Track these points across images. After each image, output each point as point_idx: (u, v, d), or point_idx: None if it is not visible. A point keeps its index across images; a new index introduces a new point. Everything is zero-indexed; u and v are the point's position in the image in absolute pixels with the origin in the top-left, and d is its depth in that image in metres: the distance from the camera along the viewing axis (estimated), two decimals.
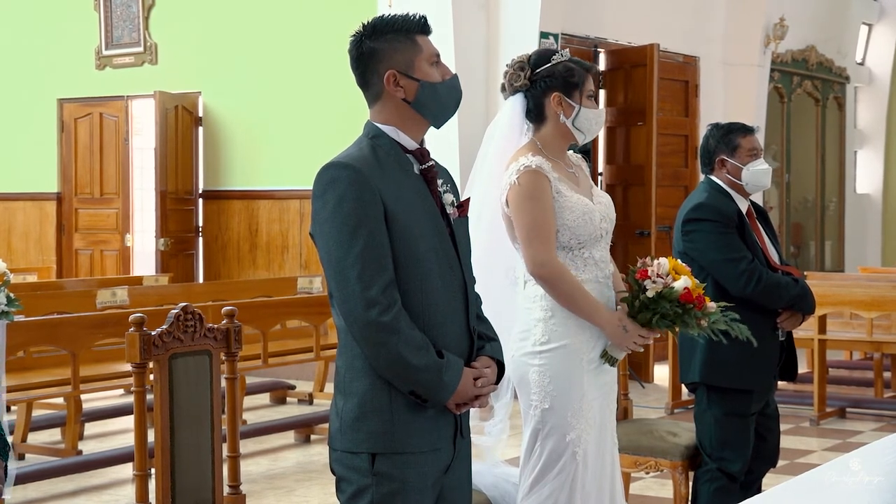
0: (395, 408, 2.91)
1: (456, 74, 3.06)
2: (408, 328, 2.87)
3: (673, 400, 8.84)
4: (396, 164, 2.98)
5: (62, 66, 12.22)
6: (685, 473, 4.84)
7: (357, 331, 2.88)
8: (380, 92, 3.02)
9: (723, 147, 4.81)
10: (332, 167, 2.92)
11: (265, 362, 7.67)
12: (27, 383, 6.78)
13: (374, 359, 2.89)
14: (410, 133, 3.02)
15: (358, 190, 2.87)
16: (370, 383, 2.91)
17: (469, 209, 3.15)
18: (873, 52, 15.58)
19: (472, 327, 3.06)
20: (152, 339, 3.67)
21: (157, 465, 3.69)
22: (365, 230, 2.86)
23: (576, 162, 3.93)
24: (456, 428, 3.02)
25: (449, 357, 2.93)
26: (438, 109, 3.03)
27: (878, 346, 8.78)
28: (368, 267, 2.85)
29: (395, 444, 2.91)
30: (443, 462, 3.00)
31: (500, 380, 3.11)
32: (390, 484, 2.91)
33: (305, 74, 10.79)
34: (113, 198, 12.03)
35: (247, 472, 6.67)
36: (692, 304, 3.69)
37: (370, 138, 3.01)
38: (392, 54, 2.98)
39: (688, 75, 11.97)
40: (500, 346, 3.16)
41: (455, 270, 3.01)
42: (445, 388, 2.91)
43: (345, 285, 2.87)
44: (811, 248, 14.64)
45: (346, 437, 2.94)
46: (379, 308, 2.84)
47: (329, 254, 2.90)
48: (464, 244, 3.08)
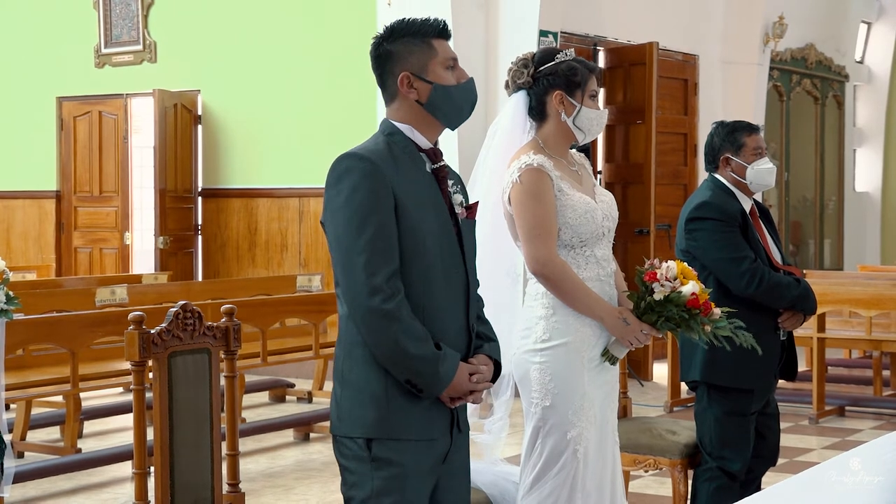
0: (391, 395, 2.96)
1: (472, 78, 3.14)
2: (409, 318, 2.93)
3: (672, 398, 8.85)
4: (410, 161, 3.05)
5: (61, 65, 12.21)
6: (684, 472, 4.84)
7: (359, 317, 2.93)
8: (395, 93, 3.09)
9: (727, 145, 4.81)
10: (348, 158, 2.98)
11: (264, 360, 7.68)
12: (26, 381, 6.78)
13: (374, 345, 2.94)
14: (425, 133, 3.10)
15: (372, 181, 2.93)
16: (367, 371, 2.97)
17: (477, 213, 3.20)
18: (872, 50, 15.58)
19: (471, 325, 3.10)
20: (151, 338, 3.66)
21: (157, 464, 3.69)
22: (375, 220, 2.92)
23: (578, 160, 3.94)
24: (452, 420, 3.06)
25: (446, 350, 2.99)
26: (451, 112, 3.11)
27: (877, 345, 8.79)
28: (375, 256, 2.91)
29: (390, 430, 2.96)
30: (439, 452, 3.04)
31: (497, 379, 3.16)
32: (389, 469, 2.96)
33: (305, 73, 10.79)
34: (112, 196, 12.03)
35: (246, 471, 6.67)
36: (698, 310, 3.71)
37: (386, 135, 3.08)
38: (407, 57, 3.07)
39: (687, 74, 11.97)
40: (499, 348, 3.21)
41: (458, 269, 3.07)
42: (441, 379, 2.96)
43: (351, 272, 2.93)
44: (810, 247, 14.64)
45: (343, 423, 3.00)
46: (382, 296, 2.90)
47: (338, 241, 2.96)
48: (469, 245, 3.14)
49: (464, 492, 3.16)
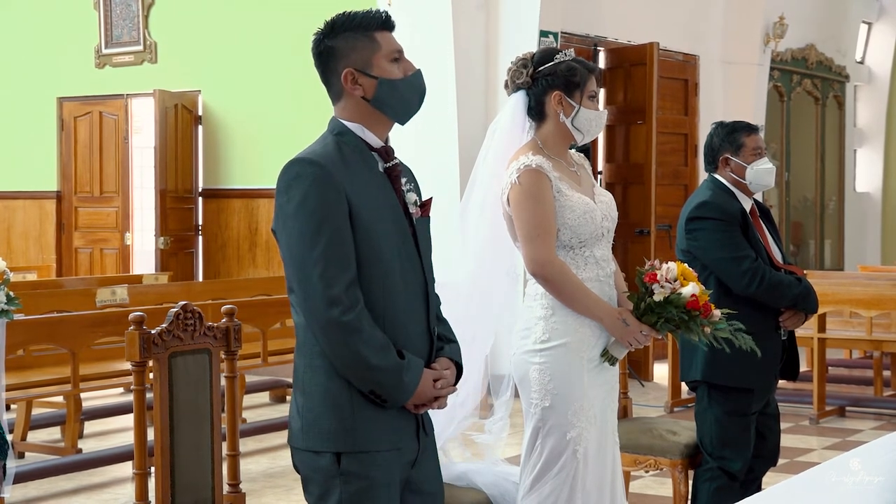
0: (356, 406, 2.89)
1: (419, 70, 3.02)
2: (369, 328, 2.85)
3: (672, 398, 8.84)
4: (361, 162, 2.95)
5: (62, 65, 12.22)
6: (685, 472, 4.84)
7: (318, 329, 2.85)
8: (340, 90, 3.00)
9: (727, 145, 4.81)
10: (297, 163, 2.90)
11: (265, 361, 7.68)
12: (27, 382, 6.78)
13: (335, 357, 2.86)
14: (375, 130, 3.00)
15: (322, 187, 2.85)
16: (329, 381, 2.89)
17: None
18: (873, 50, 15.58)
19: (431, 328, 3.04)
20: (152, 338, 3.66)
21: (157, 464, 3.69)
22: (329, 228, 2.83)
23: (578, 161, 3.93)
24: (418, 425, 3.01)
25: (409, 358, 2.91)
26: (400, 106, 3.00)
27: (877, 345, 8.78)
28: (331, 265, 2.82)
29: (357, 442, 2.89)
30: (406, 459, 2.98)
31: (458, 382, 3.09)
32: (358, 482, 2.89)
33: (305, 73, 10.73)
34: (113, 196, 12.03)
35: (246, 471, 6.67)
36: (698, 312, 3.70)
37: (335, 135, 2.98)
38: (349, 52, 2.96)
39: (687, 74, 11.97)
40: (459, 348, 3.14)
41: (416, 270, 2.99)
42: (405, 388, 2.89)
43: (307, 283, 2.84)
44: (811, 247, 14.64)
45: (308, 436, 2.92)
46: (341, 307, 2.82)
47: (291, 250, 2.88)
48: (425, 244, 3.06)
49: (437, 494, 3.10)
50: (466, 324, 3.69)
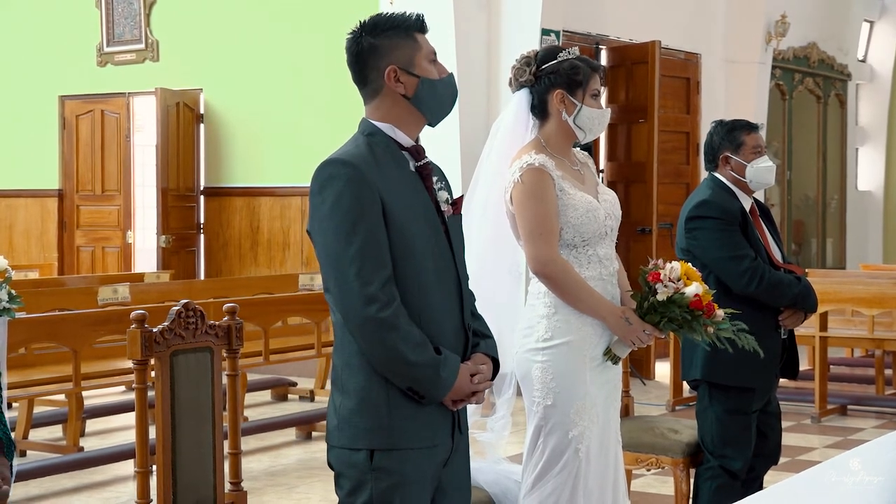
0: (393, 404, 2.92)
1: (452, 73, 3.09)
2: (406, 325, 2.88)
3: (674, 397, 8.85)
4: (392, 161, 2.99)
5: (64, 63, 12.22)
6: (686, 470, 4.84)
7: (355, 327, 2.89)
8: (379, 88, 3.02)
9: (727, 144, 4.81)
10: (330, 164, 2.93)
11: (266, 359, 7.68)
12: (28, 380, 6.78)
13: (372, 355, 2.90)
14: (406, 130, 3.04)
15: (356, 187, 2.88)
16: (367, 379, 2.92)
17: (462, 207, 3.17)
18: (875, 49, 15.57)
19: (466, 324, 3.07)
20: (153, 336, 3.67)
21: (159, 462, 3.69)
22: (363, 227, 2.87)
23: (581, 159, 3.93)
24: (454, 423, 3.03)
25: (446, 354, 2.95)
26: (436, 106, 3.05)
27: (879, 344, 8.78)
28: (367, 263, 2.86)
29: (392, 440, 2.92)
30: (440, 457, 3.01)
31: (496, 377, 3.13)
32: (389, 478, 2.92)
33: (307, 71, 10.79)
34: (114, 195, 12.03)
35: (248, 469, 6.67)
36: (701, 311, 3.71)
37: (366, 135, 3.02)
38: (393, 50, 3.00)
39: (689, 72, 11.97)
40: (495, 344, 3.18)
41: (449, 267, 3.03)
42: (443, 384, 2.93)
43: (343, 282, 2.88)
44: (812, 246, 14.64)
45: (343, 433, 2.95)
46: (378, 304, 2.85)
47: (327, 250, 2.91)
48: (458, 241, 3.10)
49: (465, 493, 3.13)
50: None
